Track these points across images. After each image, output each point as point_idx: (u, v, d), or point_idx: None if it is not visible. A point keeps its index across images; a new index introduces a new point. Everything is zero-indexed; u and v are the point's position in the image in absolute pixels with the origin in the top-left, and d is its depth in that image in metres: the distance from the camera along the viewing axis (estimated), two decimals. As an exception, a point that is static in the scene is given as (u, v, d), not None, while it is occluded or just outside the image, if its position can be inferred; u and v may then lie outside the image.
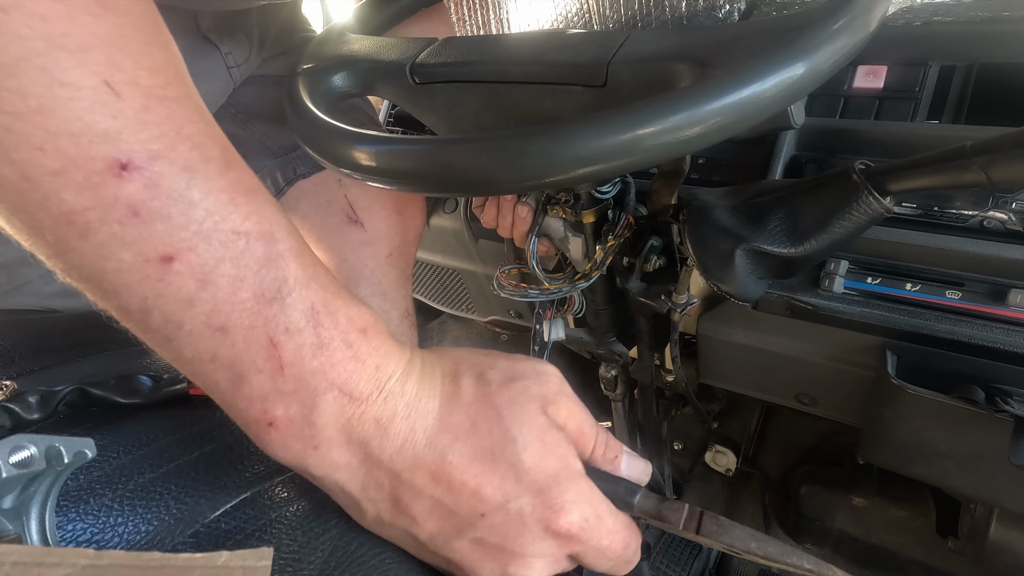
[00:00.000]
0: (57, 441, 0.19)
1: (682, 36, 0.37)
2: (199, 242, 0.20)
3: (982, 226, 0.48)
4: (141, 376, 0.33)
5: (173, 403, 0.34)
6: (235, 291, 0.21)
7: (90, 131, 0.19)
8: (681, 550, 1.00)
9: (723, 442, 1.14)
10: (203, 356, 0.22)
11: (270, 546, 0.24)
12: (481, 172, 0.32)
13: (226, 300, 0.21)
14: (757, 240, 0.39)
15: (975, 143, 0.32)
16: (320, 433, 0.23)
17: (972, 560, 0.77)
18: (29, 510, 0.20)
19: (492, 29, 0.90)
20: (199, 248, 0.20)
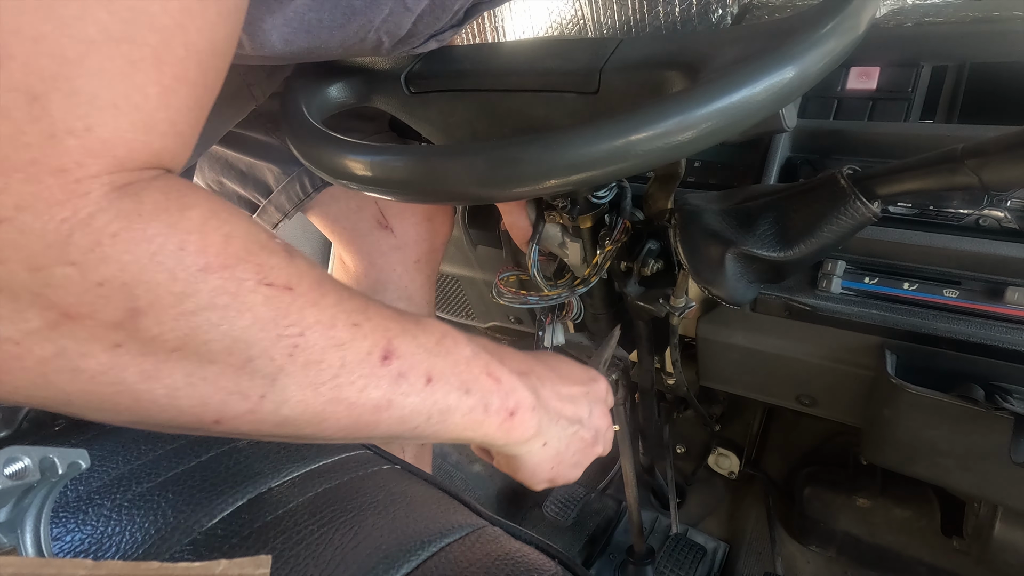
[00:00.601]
0: (51, 452, 0.19)
1: (673, 42, 0.37)
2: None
3: (978, 224, 0.49)
4: None
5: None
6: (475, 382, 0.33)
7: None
8: (685, 554, 0.99)
9: (725, 445, 1.14)
10: (466, 408, 0.32)
11: (267, 551, 0.24)
12: (476, 181, 0.32)
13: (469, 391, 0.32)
14: (747, 244, 0.39)
15: (967, 146, 0.32)
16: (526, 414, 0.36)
17: (977, 559, 0.77)
18: (24, 522, 0.20)
19: (487, 37, 0.91)
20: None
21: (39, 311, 0.19)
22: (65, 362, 0.19)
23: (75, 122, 0.17)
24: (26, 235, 0.18)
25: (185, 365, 0.21)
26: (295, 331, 0.23)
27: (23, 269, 0.18)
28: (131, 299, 0.20)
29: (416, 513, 0.34)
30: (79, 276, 0.19)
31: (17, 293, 0.18)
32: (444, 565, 0.30)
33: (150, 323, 0.20)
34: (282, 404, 0.24)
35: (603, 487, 1.17)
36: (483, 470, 1.18)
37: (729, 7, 0.69)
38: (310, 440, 0.27)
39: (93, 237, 0.18)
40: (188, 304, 0.21)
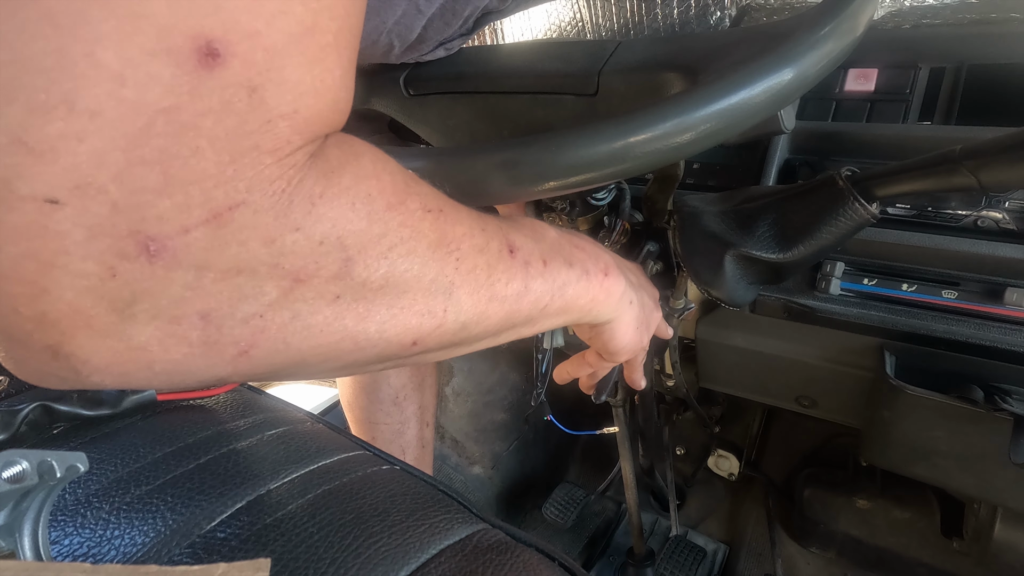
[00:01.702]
0: (49, 455, 0.19)
1: (672, 44, 0.38)
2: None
3: (976, 225, 0.49)
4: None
5: (169, 414, 0.34)
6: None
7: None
8: (685, 555, 0.99)
9: (725, 446, 1.14)
10: (574, 278, 0.35)
11: (266, 554, 0.24)
12: (475, 183, 0.32)
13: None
14: (746, 246, 0.39)
15: (964, 147, 0.32)
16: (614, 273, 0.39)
17: (977, 560, 0.77)
18: (22, 526, 0.20)
19: (486, 39, 0.91)
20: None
21: (275, 281, 0.20)
22: (299, 323, 0.21)
23: (285, 107, 0.19)
24: (259, 213, 0.19)
25: (388, 299, 0.24)
26: (454, 246, 0.26)
27: (260, 245, 0.19)
28: (343, 249, 0.22)
29: (416, 515, 0.34)
30: (304, 239, 0.20)
31: (256, 269, 0.20)
32: (443, 567, 0.30)
33: (360, 268, 0.22)
34: (460, 313, 0.27)
35: (603, 489, 1.17)
36: (483, 472, 1.18)
37: (727, 9, 0.70)
38: (474, 342, 0.30)
39: (308, 200, 0.20)
40: (384, 243, 0.23)
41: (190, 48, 0.16)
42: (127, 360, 0.19)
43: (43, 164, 0.16)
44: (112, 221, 0.17)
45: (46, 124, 0.15)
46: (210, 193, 0.18)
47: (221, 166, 0.18)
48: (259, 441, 0.37)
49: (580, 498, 1.11)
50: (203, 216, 0.18)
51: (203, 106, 0.17)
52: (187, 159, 0.17)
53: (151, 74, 0.16)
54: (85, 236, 0.16)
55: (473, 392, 1.19)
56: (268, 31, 0.18)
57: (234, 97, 0.17)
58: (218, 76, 0.17)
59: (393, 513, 0.33)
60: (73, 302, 0.17)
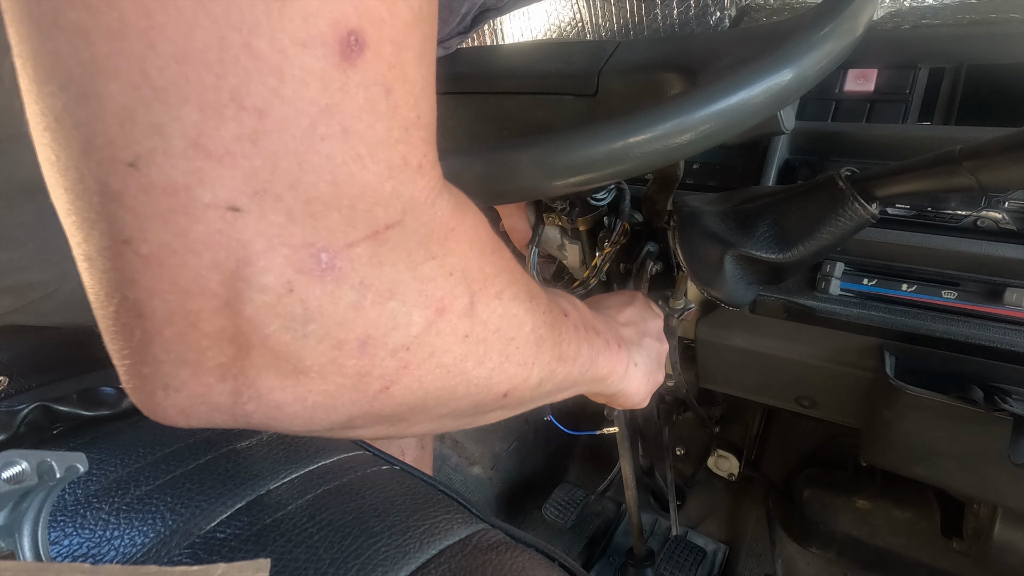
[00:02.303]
0: (49, 456, 0.19)
1: (671, 45, 0.38)
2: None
3: (976, 226, 0.49)
4: (103, 388, 0.34)
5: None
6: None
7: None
8: (685, 556, 0.99)
9: (725, 447, 1.14)
10: (601, 347, 0.36)
11: (266, 554, 0.24)
12: (475, 183, 0.32)
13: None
14: (745, 246, 0.39)
15: (964, 148, 0.32)
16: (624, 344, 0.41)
17: (977, 561, 0.77)
18: (22, 526, 0.20)
19: (486, 40, 0.91)
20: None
21: (421, 311, 0.19)
22: (435, 361, 0.21)
23: (410, 111, 0.17)
24: (407, 236, 0.18)
25: (500, 344, 0.24)
26: (540, 298, 0.27)
27: (407, 269, 0.18)
28: (468, 284, 0.21)
29: (416, 515, 0.34)
30: (438, 268, 0.20)
31: (407, 295, 0.19)
32: (443, 568, 0.30)
33: (482, 306, 0.22)
34: (541, 368, 0.27)
35: (602, 489, 1.17)
36: (483, 473, 1.18)
37: (727, 10, 0.70)
38: (533, 403, 0.30)
39: (444, 231, 0.20)
40: (497, 283, 0.23)
41: (334, 37, 0.14)
42: (289, 385, 0.18)
43: (224, 169, 0.14)
44: (288, 231, 0.15)
45: (220, 125, 0.14)
46: (372, 209, 0.17)
47: (382, 180, 0.16)
48: (259, 441, 0.37)
49: (580, 498, 1.11)
50: (365, 232, 0.17)
51: (354, 107, 0.15)
52: (352, 168, 0.16)
53: (305, 67, 0.14)
54: (265, 247, 0.15)
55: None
56: (392, 19, 0.16)
57: (376, 98, 0.16)
58: (361, 71, 0.15)
59: (393, 513, 0.33)
60: (253, 318, 0.16)
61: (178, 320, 0.16)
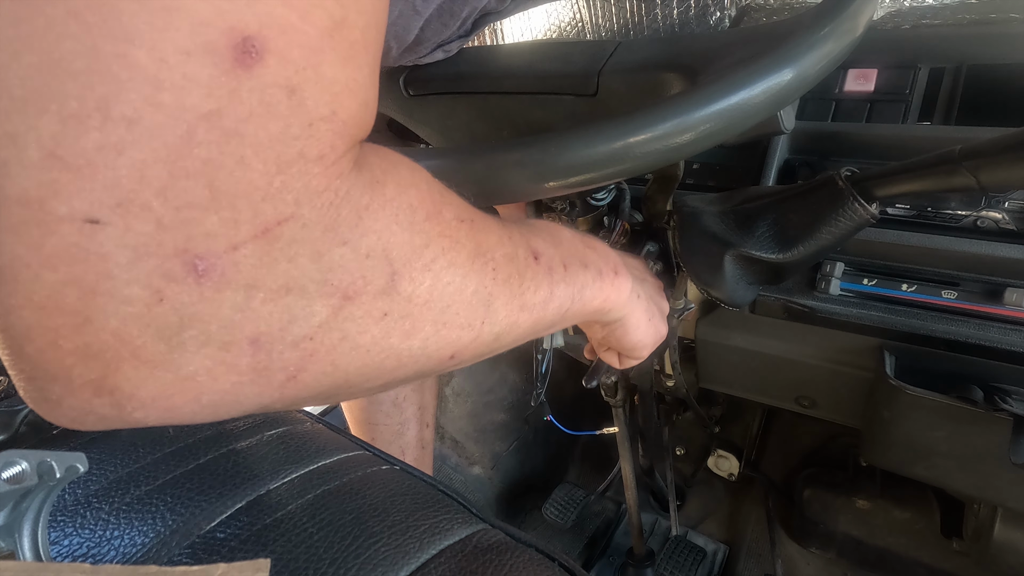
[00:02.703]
0: (49, 456, 0.19)
1: (671, 45, 0.38)
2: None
3: (976, 226, 0.49)
4: None
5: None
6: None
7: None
8: (685, 556, 0.99)
9: (725, 447, 1.14)
10: (590, 279, 0.35)
11: (266, 554, 0.24)
12: (475, 183, 0.32)
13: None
14: (745, 246, 0.39)
15: (964, 148, 0.32)
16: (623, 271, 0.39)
17: (977, 561, 0.77)
18: (22, 526, 0.20)
19: (486, 40, 0.91)
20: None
21: (325, 300, 0.19)
22: (348, 343, 0.20)
23: (323, 108, 0.18)
24: (307, 227, 0.18)
25: (433, 314, 0.23)
26: (489, 255, 0.26)
27: (309, 261, 0.18)
28: (389, 263, 0.21)
29: (416, 515, 0.34)
30: (351, 253, 0.19)
31: (306, 287, 0.18)
32: (443, 568, 0.30)
33: (406, 282, 0.21)
34: (495, 324, 0.26)
35: (602, 489, 1.17)
36: (482, 473, 1.18)
37: (727, 10, 0.70)
38: (500, 350, 0.29)
39: (355, 212, 0.19)
40: (427, 254, 0.22)
41: (227, 45, 0.15)
42: (175, 392, 0.17)
43: (82, 180, 0.14)
44: (158, 240, 0.15)
45: (81, 135, 0.14)
46: (258, 207, 0.17)
47: (268, 177, 0.17)
48: (259, 441, 0.37)
49: (580, 498, 1.11)
50: (252, 232, 0.17)
51: (244, 110, 0.16)
52: (233, 170, 0.16)
53: (188, 75, 0.15)
54: (129, 258, 0.15)
55: (473, 392, 1.19)
56: (303, 25, 0.16)
57: (274, 99, 0.16)
58: (258, 76, 0.16)
59: (393, 513, 0.33)
60: (118, 331, 0.16)
61: (37, 338, 0.15)
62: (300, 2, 0.16)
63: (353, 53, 0.18)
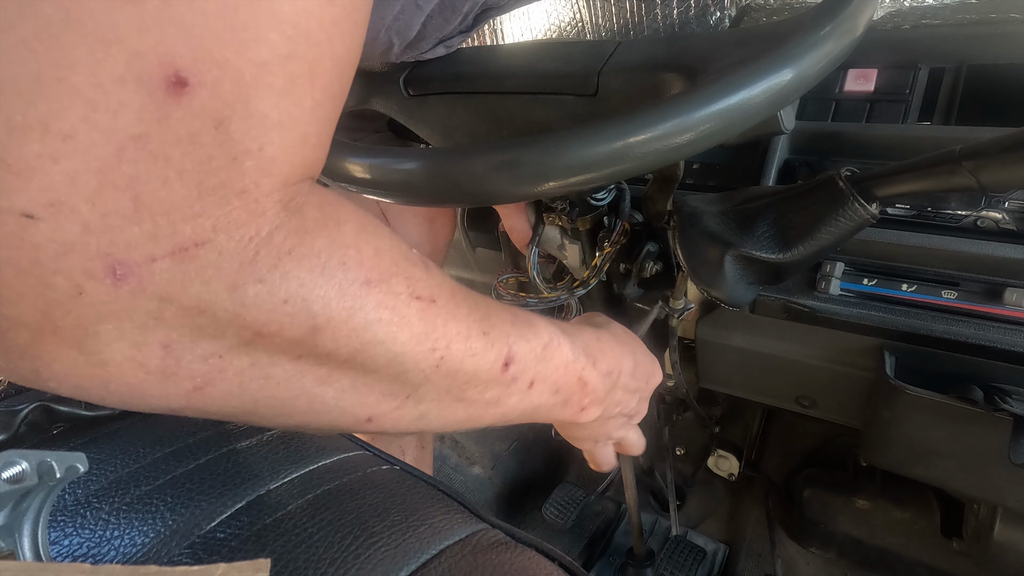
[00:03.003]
0: (49, 456, 0.19)
1: (671, 45, 0.38)
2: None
3: (976, 226, 0.49)
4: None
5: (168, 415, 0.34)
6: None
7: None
8: (685, 556, 0.99)
9: (725, 447, 1.14)
10: (551, 404, 0.35)
11: (266, 554, 0.24)
12: (475, 183, 0.32)
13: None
14: (745, 246, 0.39)
15: (964, 148, 0.32)
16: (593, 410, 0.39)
17: (977, 561, 0.77)
18: (22, 526, 0.20)
19: (486, 39, 0.91)
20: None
21: (236, 329, 0.20)
22: (258, 371, 0.21)
23: (251, 143, 0.18)
24: (223, 256, 0.19)
25: (352, 374, 0.23)
26: (442, 344, 0.26)
27: (223, 288, 0.19)
28: (311, 316, 0.21)
29: (416, 515, 0.34)
30: (267, 293, 0.20)
31: (217, 313, 0.20)
32: (444, 568, 0.30)
33: (327, 339, 0.22)
34: (421, 403, 0.27)
35: (602, 489, 1.17)
36: (482, 473, 1.18)
37: (727, 10, 0.70)
38: (430, 429, 0.29)
39: (274, 254, 0.20)
40: (357, 319, 0.22)
41: (159, 76, 0.16)
42: (85, 374, 0.19)
43: (21, 181, 0.16)
44: (83, 240, 0.17)
45: (23, 144, 0.16)
46: (177, 226, 0.18)
47: (189, 200, 0.18)
48: (259, 441, 0.37)
49: (580, 498, 1.11)
50: (169, 248, 0.18)
51: (171, 136, 0.17)
52: (156, 188, 0.17)
53: (121, 101, 0.16)
54: (57, 252, 0.17)
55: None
56: (238, 60, 0.17)
57: (201, 129, 0.17)
58: (185, 106, 0.17)
59: (393, 513, 0.33)
60: (44, 310, 0.18)
61: None
62: (238, 37, 0.17)
63: (292, 87, 0.19)
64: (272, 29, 0.18)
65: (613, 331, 0.42)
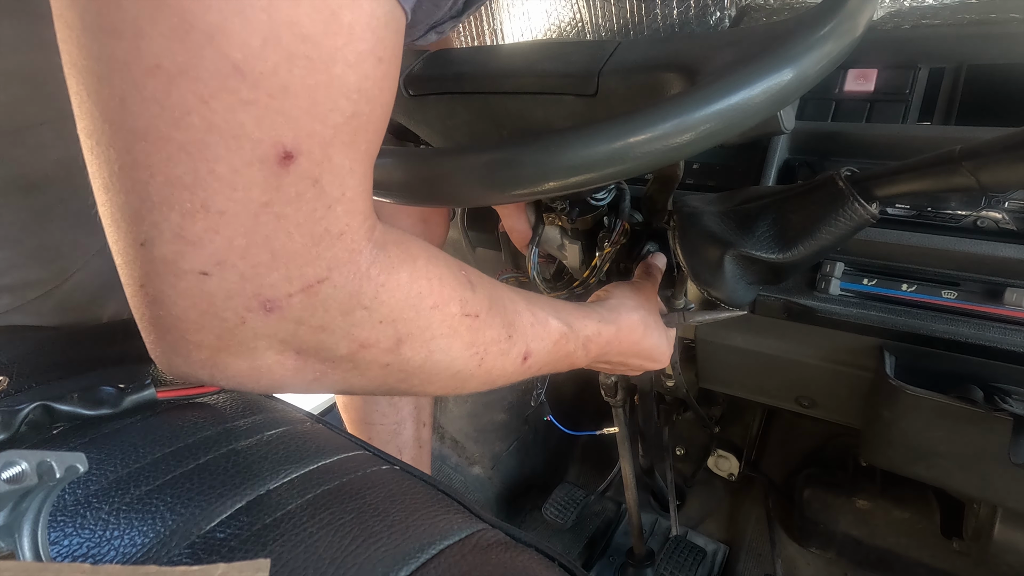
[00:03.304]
0: (49, 456, 0.20)
1: (671, 45, 0.38)
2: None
3: (976, 226, 0.49)
4: (104, 387, 0.34)
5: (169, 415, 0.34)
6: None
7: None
8: (685, 556, 0.99)
9: (725, 447, 1.14)
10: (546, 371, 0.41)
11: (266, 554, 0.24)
12: (474, 183, 0.32)
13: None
14: (745, 246, 0.39)
15: (964, 148, 0.32)
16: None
17: (977, 561, 0.77)
18: (21, 526, 0.20)
19: (486, 39, 0.91)
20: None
21: (347, 342, 0.27)
22: (357, 373, 0.29)
23: (336, 191, 0.24)
24: (338, 289, 0.25)
25: (422, 376, 0.31)
26: (483, 350, 0.33)
27: (339, 313, 0.26)
28: (397, 332, 0.28)
29: (415, 515, 0.34)
30: (369, 316, 0.27)
31: (335, 331, 0.26)
32: (443, 568, 0.30)
33: (407, 350, 0.29)
34: (462, 389, 0.35)
35: (602, 489, 1.17)
36: (483, 473, 1.18)
37: (727, 10, 0.70)
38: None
39: (373, 286, 0.26)
40: (427, 334, 0.29)
41: (273, 155, 0.21)
42: (247, 375, 0.26)
43: (195, 249, 0.22)
44: (241, 286, 0.23)
45: (193, 223, 0.21)
46: (303, 269, 0.24)
47: (307, 247, 0.23)
48: (259, 441, 0.37)
49: (580, 498, 1.11)
50: (300, 286, 0.24)
51: (285, 198, 0.22)
52: (284, 242, 0.23)
53: (252, 179, 0.21)
54: (224, 296, 0.23)
55: (472, 392, 1.19)
56: (323, 129, 0.22)
57: (305, 189, 0.22)
58: (292, 172, 0.22)
59: (393, 513, 0.33)
60: (218, 335, 0.24)
61: (176, 330, 0.25)
62: (320, 110, 0.22)
63: (356, 138, 0.24)
64: (342, 97, 0.22)
65: (621, 323, 0.47)
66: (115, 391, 0.34)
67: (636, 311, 0.49)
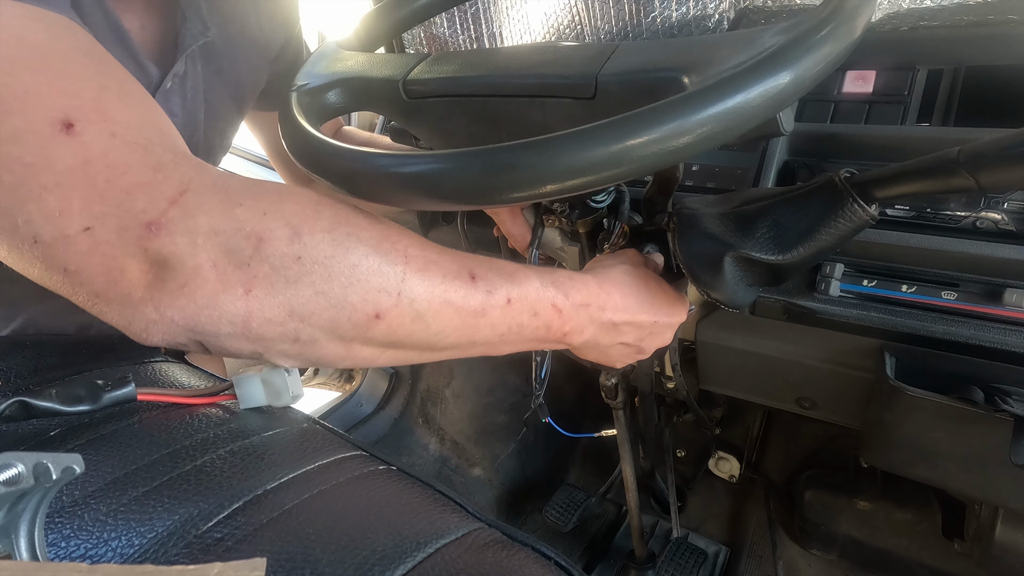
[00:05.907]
0: (45, 458, 0.20)
1: (669, 47, 0.38)
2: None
3: (975, 227, 0.49)
4: (82, 383, 0.34)
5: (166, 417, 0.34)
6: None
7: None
8: (686, 558, 0.99)
9: (726, 448, 1.14)
10: (533, 326, 0.40)
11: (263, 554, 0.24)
12: (472, 186, 0.32)
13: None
14: (745, 248, 0.39)
15: (963, 149, 0.32)
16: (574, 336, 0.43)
17: (978, 562, 0.77)
18: (18, 527, 0.20)
19: (485, 42, 0.91)
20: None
21: (244, 240, 0.29)
22: (278, 275, 0.30)
23: (140, 138, 0.30)
24: (202, 195, 0.29)
25: (342, 267, 0.31)
26: (400, 246, 0.33)
27: (220, 215, 0.29)
28: (288, 223, 0.30)
29: (412, 515, 0.34)
30: (249, 212, 0.29)
31: (226, 231, 0.28)
32: (440, 566, 0.30)
33: (307, 238, 0.30)
34: (414, 301, 0.33)
35: (603, 491, 1.16)
36: (483, 475, 1.18)
37: (725, 12, 0.70)
38: (442, 346, 0.35)
39: (242, 185, 0.31)
40: (322, 223, 0.31)
41: (59, 123, 0.27)
42: (196, 305, 0.28)
43: (67, 217, 0.27)
44: (120, 220, 0.27)
45: (48, 202, 0.27)
46: (160, 188, 0.28)
47: (152, 174, 0.28)
48: (256, 443, 0.37)
49: (581, 501, 1.11)
50: (166, 202, 0.27)
51: (92, 154, 0.27)
52: (123, 179, 0.27)
53: (56, 148, 0.27)
54: (116, 225, 0.27)
55: (473, 394, 1.19)
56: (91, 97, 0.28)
57: (99, 146, 0.28)
58: (77, 136, 0.27)
59: (389, 512, 0.33)
60: (140, 271, 0.28)
61: (119, 292, 0.28)
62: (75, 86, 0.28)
63: (127, 105, 0.29)
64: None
65: (612, 275, 0.45)
66: (94, 387, 0.34)
67: (619, 267, 0.46)
